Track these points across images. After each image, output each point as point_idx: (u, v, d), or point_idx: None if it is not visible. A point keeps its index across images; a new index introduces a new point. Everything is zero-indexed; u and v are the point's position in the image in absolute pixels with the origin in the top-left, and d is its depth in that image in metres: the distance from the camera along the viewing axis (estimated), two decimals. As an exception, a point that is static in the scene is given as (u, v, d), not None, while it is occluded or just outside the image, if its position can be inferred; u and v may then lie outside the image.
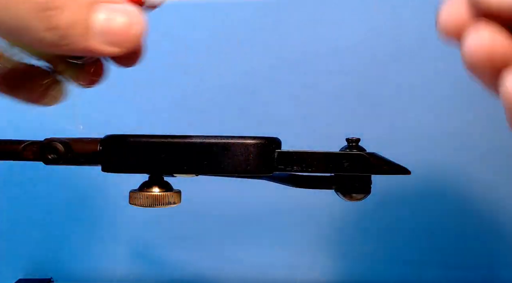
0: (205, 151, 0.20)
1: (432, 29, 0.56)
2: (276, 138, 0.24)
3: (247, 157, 0.22)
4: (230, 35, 0.51)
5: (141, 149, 0.23)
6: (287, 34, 0.51)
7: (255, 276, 0.54)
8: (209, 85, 0.52)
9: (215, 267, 0.54)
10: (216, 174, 0.23)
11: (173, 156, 0.23)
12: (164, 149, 0.23)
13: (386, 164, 0.22)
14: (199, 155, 0.22)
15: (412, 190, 0.52)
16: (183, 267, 0.54)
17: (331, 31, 0.51)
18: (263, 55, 0.51)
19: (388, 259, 0.53)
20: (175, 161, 0.23)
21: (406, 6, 0.51)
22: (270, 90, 0.52)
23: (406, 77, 0.51)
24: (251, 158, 0.22)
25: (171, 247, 0.53)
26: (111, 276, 0.54)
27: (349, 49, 0.51)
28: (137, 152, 0.23)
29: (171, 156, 0.23)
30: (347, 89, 0.51)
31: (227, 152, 0.22)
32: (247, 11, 0.51)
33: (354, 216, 0.52)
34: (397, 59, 0.51)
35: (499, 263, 0.52)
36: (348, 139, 0.22)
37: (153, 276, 0.54)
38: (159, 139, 0.23)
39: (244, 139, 0.21)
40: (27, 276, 0.53)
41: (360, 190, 0.22)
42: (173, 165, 0.23)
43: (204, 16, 0.51)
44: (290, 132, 0.51)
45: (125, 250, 0.53)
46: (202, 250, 0.53)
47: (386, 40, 0.51)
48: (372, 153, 0.22)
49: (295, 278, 0.53)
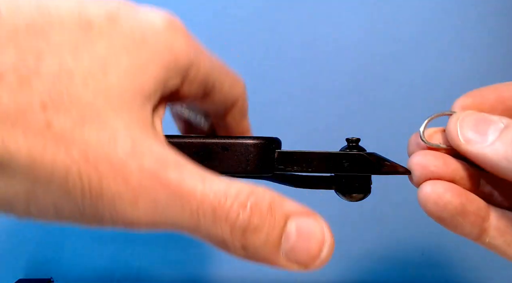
0: (204, 151, 0.20)
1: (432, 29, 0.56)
2: (276, 138, 0.24)
3: (247, 157, 0.22)
4: (230, 35, 0.51)
5: None
6: (287, 34, 0.51)
7: (255, 276, 0.54)
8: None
9: (215, 267, 0.54)
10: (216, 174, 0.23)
11: None
12: None
13: (386, 164, 0.22)
14: (198, 155, 0.22)
15: (412, 190, 0.52)
16: (183, 267, 0.54)
17: (331, 31, 0.51)
18: (263, 55, 0.51)
19: (388, 259, 0.53)
20: None
21: (406, 6, 0.51)
22: (270, 90, 0.52)
23: (406, 77, 0.51)
24: (251, 158, 0.22)
25: (171, 247, 0.53)
26: (111, 276, 0.54)
27: (349, 49, 0.51)
28: None
29: None
30: (347, 89, 0.51)
31: (227, 152, 0.22)
32: (247, 10, 0.51)
33: (354, 216, 0.52)
34: (397, 59, 0.51)
35: (499, 263, 0.52)
36: (348, 139, 0.22)
37: (153, 276, 0.54)
38: None
39: (244, 139, 0.21)
40: (27, 276, 0.53)
41: (360, 190, 0.22)
42: None
43: (204, 15, 0.51)
44: (290, 132, 0.51)
45: (125, 250, 0.53)
46: (202, 250, 0.53)
47: (386, 40, 0.51)
48: (372, 153, 0.22)
49: (295, 278, 0.53)
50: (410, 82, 0.51)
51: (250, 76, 0.53)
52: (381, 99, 0.51)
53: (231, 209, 0.16)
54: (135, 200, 0.15)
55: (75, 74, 0.14)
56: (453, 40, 0.51)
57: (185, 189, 0.16)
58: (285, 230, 0.17)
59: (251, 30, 0.51)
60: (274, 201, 0.17)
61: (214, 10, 0.51)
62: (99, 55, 0.15)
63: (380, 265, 0.53)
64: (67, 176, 0.14)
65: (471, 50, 0.51)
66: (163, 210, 0.16)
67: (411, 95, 0.51)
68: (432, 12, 0.51)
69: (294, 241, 0.17)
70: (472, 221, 0.21)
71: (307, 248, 0.18)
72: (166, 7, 0.20)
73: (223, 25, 0.51)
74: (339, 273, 0.53)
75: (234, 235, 0.16)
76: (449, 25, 0.51)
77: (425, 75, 0.51)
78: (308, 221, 0.18)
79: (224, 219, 0.16)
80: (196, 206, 0.16)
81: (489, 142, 0.18)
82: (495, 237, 0.21)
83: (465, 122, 0.20)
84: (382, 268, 0.53)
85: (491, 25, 0.51)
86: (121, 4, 0.17)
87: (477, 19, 0.51)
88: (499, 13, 0.50)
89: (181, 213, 0.16)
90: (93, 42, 0.15)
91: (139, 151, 0.15)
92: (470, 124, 0.20)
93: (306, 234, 0.17)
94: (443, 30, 0.51)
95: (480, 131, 0.19)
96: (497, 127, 0.19)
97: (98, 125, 0.15)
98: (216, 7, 0.51)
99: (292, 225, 0.17)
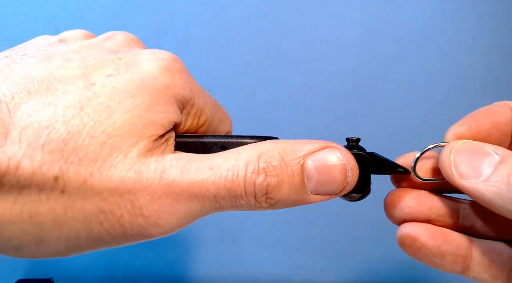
0: (204, 151, 0.20)
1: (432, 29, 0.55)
2: (276, 138, 0.24)
3: None
4: (230, 35, 0.51)
5: None
6: (287, 34, 0.51)
7: (255, 276, 0.54)
8: (209, 85, 0.52)
9: (215, 267, 0.54)
10: None
11: None
12: None
13: (386, 164, 0.21)
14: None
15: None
16: (182, 267, 0.54)
17: (331, 31, 0.51)
18: (263, 55, 0.51)
19: (388, 259, 0.53)
20: None
21: (406, 7, 0.51)
22: (270, 90, 0.52)
23: (406, 77, 0.51)
24: None
25: (170, 247, 0.53)
26: (111, 276, 0.54)
27: (349, 49, 0.51)
28: None
29: None
30: (347, 89, 0.51)
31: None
32: (247, 10, 0.51)
33: (354, 216, 0.52)
34: (397, 59, 0.51)
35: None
36: (348, 138, 0.22)
37: (153, 276, 0.54)
38: None
39: (243, 139, 0.21)
40: (27, 276, 0.53)
41: (359, 190, 0.22)
42: None
43: (204, 15, 0.51)
44: (290, 132, 0.51)
45: (125, 250, 0.53)
46: (201, 249, 0.53)
47: (386, 40, 0.51)
48: (372, 153, 0.22)
49: (295, 278, 0.53)
50: (410, 82, 0.51)
51: (250, 76, 0.53)
52: (381, 99, 0.51)
53: (246, 181, 0.17)
54: (156, 223, 0.17)
55: (82, 134, 0.15)
56: (453, 40, 0.51)
57: (196, 187, 0.17)
58: (304, 172, 0.18)
59: (251, 30, 0.51)
60: (284, 152, 0.18)
61: (214, 10, 0.51)
62: (103, 106, 0.16)
63: (380, 265, 0.53)
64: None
65: (471, 50, 0.51)
66: (183, 217, 0.17)
67: (411, 95, 0.51)
68: (432, 12, 0.51)
69: (317, 179, 0.18)
70: (452, 261, 0.20)
71: (332, 179, 0.18)
72: (166, 7, 0.20)
73: (223, 25, 0.51)
74: (339, 273, 0.53)
75: (258, 201, 0.18)
76: (449, 26, 0.51)
77: (425, 75, 0.51)
78: (323, 154, 0.18)
79: (244, 193, 0.17)
80: (213, 196, 0.17)
81: (483, 177, 0.18)
82: (480, 273, 0.21)
83: (459, 155, 0.19)
84: (382, 268, 0.53)
85: (491, 25, 0.51)
86: (120, 62, 0.18)
87: (477, 19, 0.51)
88: (499, 13, 0.50)
89: (201, 207, 0.17)
90: (97, 96, 0.16)
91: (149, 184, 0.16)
92: (464, 157, 0.19)
93: (326, 168, 0.18)
94: (443, 31, 0.51)
95: (474, 165, 0.19)
96: (491, 161, 0.18)
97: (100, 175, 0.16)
98: (216, 7, 0.51)
99: (310, 165, 0.18)
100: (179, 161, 0.17)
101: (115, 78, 0.17)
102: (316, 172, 0.18)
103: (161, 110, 0.17)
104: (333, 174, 0.18)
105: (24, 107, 0.15)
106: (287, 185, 0.18)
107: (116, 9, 0.50)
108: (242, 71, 0.52)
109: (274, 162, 0.18)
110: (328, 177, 0.18)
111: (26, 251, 0.16)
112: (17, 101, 0.15)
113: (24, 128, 0.15)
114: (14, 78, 0.16)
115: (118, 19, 0.50)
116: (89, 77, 0.17)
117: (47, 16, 0.50)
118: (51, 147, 0.15)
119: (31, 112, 0.15)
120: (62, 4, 0.50)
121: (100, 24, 0.50)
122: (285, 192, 0.18)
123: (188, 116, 0.20)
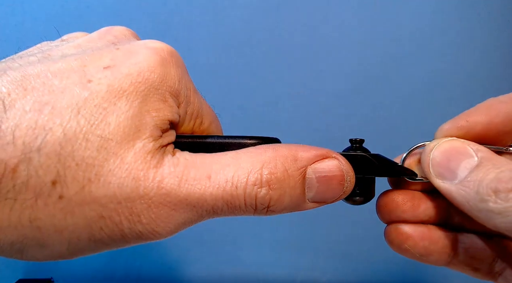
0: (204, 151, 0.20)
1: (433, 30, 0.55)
2: (275, 138, 0.24)
3: None
4: (230, 35, 0.51)
5: None
6: (287, 34, 0.51)
7: (255, 276, 0.53)
8: (209, 85, 0.52)
9: (215, 267, 0.53)
10: None
11: None
12: None
13: (390, 166, 0.21)
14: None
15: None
16: (183, 267, 0.54)
17: (331, 31, 0.51)
18: (263, 55, 0.51)
19: (388, 259, 0.53)
20: None
21: (407, 7, 0.51)
22: (270, 90, 0.52)
23: (408, 77, 0.51)
24: None
25: (170, 247, 0.53)
26: (111, 276, 0.53)
27: (351, 49, 0.51)
28: None
29: None
30: (348, 89, 0.51)
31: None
32: (247, 10, 0.51)
33: (354, 216, 0.52)
34: (398, 59, 0.51)
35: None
36: (352, 139, 0.22)
37: (153, 276, 0.54)
38: None
39: (242, 139, 0.21)
40: (27, 276, 0.53)
41: (363, 193, 0.21)
42: None
43: (204, 15, 0.51)
44: (290, 132, 0.51)
45: (125, 250, 0.53)
46: (202, 250, 0.53)
47: (387, 41, 0.51)
48: (376, 155, 0.21)
49: (295, 278, 0.53)
50: (411, 82, 0.51)
51: (250, 76, 0.53)
52: (381, 99, 0.51)
53: (247, 193, 0.17)
54: (154, 230, 0.17)
55: (78, 137, 0.15)
56: (454, 41, 0.51)
57: (193, 198, 0.17)
58: (305, 182, 0.18)
59: (251, 30, 0.51)
60: (287, 161, 0.18)
61: (214, 10, 0.51)
62: (99, 108, 0.16)
63: (380, 265, 0.53)
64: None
65: (472, 51, 0.51)
66: (180, 224, 0.17)
67: (412, 95, 0.51)
68: (432, 12, 0.51)
69: (316, 188, 0.18)
70: (437, 258, 0.21)
71: (330, 189, 0.19)
72: (167, 8, 0.20)
73: (223, 25, 0.51)
74: (339, 273, 0.53)
75: (258, 213, 0.18)
76: (449, 26, 0.51)
77: (427, 76, 0.51)
78: (324, 164, 0.18)
79: (243, 205, 0.17)
80: (210, 207, 0.17)
81: (457, 180, 0.18)
82: (463, 266, 0.21)
83: (437, 154, 0.19)
84: (382, 268, 0.53)
85: (491, 25, 0.51)
86: (118, 52, 0.18)
87: (477, 19, 0.50)
88: (499, 13, 0.50)
89: (198, 216, 0.17)
90: (93, 97, 0.16)
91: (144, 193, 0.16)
92: (444, 157, 0.19)
93: (326, 178, 0.18)
94: (443, 31, 0.51)
95: (451, 166, 0.18)
96: (469, 163, 0.18)
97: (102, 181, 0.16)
98: (216, 7, 0.51)
99: (311, 175, 0.18)
100: (177, 168, 0.17)
101: (112, 73, 0.17)
102: (316, 182, 0.18)
103: (155, 109, 0.17)
104: (332, 184, 0.19)
105: (20, 104, 0.15)
106: (288, 196, 0.18)
107: (116, 9, 0.50)
108: (242, 71, 0.52)
109: (278, 173, 0.17)
110: (327, 187, 0.18)
111: (30, 255, 0.16)
112: (13, 97, 0.15)
113: (19, 127, 0.14)
114: (11, 74, 0.15)
115: (118, 19, 0.50)
116: (86, 70, 0.16)
117: (47, 16, 0.50)
118: (48, 149, 0.14)
119: (27, 110, 0.15)
120: (62, 4, 0.50)
121: (100, 24, 0.49)
122: (286, 202, 0.18)
123: (186, 115, 0.20)
